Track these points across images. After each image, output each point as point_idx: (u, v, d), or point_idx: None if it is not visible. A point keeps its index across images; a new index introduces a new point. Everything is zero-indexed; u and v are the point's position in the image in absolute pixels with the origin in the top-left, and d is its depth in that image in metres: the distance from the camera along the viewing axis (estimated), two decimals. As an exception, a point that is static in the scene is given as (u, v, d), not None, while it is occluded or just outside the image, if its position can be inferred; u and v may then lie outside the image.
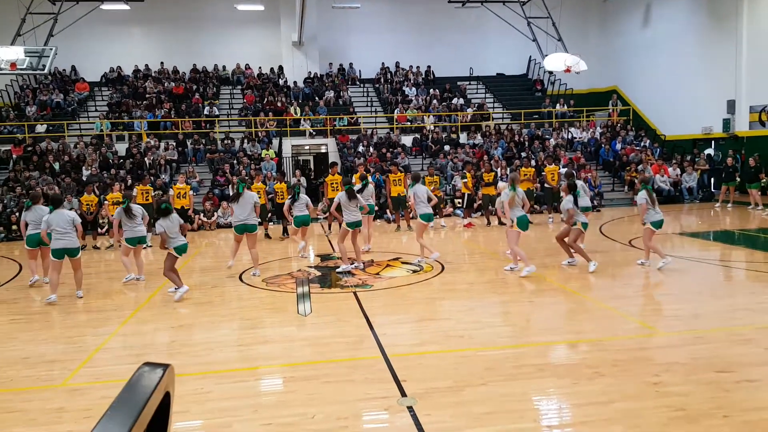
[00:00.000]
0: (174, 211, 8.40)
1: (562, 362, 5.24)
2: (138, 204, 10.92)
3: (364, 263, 10.00)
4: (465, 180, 15.86)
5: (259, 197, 10.56)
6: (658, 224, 9.02)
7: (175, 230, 8.19)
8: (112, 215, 12.99)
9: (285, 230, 14.31)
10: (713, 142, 21.48)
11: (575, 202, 8.98)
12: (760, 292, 7.46)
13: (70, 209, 13.17)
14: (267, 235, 14.10)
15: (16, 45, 18.43)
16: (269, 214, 15.28)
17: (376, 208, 14.07)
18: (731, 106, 20.07)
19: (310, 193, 16.07)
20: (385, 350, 5.52)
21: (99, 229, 14.43)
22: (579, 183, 10.32)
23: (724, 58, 20.18)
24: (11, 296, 8.81)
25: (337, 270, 9.59)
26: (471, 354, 5.39)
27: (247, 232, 9.45)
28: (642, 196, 9.06)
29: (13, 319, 7.41)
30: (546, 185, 15.94)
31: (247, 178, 16.31)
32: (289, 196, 11.08)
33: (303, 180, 17.50)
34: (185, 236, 8.45)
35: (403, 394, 4.48)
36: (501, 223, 13.87)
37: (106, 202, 13.07)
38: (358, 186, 10.50)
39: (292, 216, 11.01)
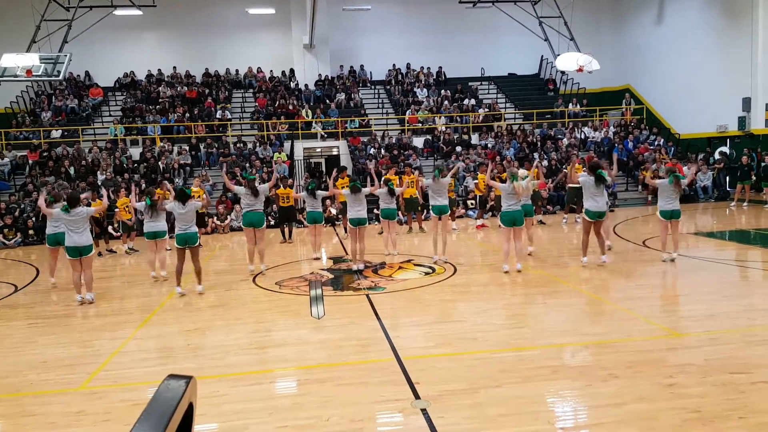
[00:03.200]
0: (190, 199, 8.45)
1: (576, 364, 5.23)
2: None
3: (376, 265, 10.07)
4: (477, 181, 15.80)
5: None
6: (664, 213, 9.07)
7: (184, 218, 8.31)
8: (126, 219, 13.15)
9: (284, 234, 14.39)
10: (728, 140, 21.25)
11: (599, 181, 8.95)
12: (777, 292, 7.40)
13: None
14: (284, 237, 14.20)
15: (31, 52, 18.71)
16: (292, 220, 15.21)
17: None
18: (747, 103, 19.84)
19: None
20: (399, 353, 5.55)
21: (114, 233, 14.56)
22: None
23: (739, 56, 19.95)
24: (29, 300, 8.95)
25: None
26: (485, 356, 5.40)
27: (254, 226, 9.74)
28: (662, 181, 9.26)
29: (31, 323, 7.53)
30: (572, 185, 14.23)
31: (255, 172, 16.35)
32: (305, 192, 11.15)
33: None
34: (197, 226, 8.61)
35: (417, 397, 4.51)
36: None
37: (116, 209, 13.19)
38: (383, 189, 10.66)
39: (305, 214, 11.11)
